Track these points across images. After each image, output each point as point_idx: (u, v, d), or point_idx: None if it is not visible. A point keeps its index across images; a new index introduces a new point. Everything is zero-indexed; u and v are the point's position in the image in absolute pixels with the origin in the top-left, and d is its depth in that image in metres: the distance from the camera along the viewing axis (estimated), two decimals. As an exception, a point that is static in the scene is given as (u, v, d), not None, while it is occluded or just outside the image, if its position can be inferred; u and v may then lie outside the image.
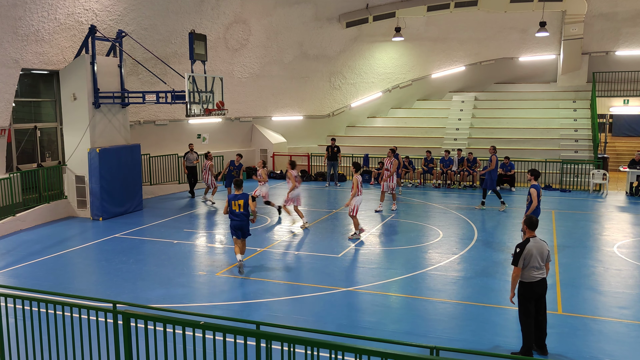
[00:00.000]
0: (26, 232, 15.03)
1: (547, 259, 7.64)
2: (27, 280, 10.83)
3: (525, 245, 7.52)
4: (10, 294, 6.75)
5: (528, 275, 7.53)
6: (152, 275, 11.35)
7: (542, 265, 7.57)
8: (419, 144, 25.96)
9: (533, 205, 11.86)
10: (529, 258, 7.47)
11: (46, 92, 18.43)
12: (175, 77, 19.20)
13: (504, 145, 24.84)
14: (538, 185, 12.02)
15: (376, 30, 26.62)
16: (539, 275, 7.55)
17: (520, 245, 7.58)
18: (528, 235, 7.71)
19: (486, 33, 28.14)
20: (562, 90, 28.26)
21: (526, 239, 7.64)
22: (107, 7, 17.37)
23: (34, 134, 17.82)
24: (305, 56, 25.99)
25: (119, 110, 17.54)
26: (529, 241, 7.56)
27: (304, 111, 27.56)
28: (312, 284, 10.72)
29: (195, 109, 15.74)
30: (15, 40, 15.32)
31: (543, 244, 7.64)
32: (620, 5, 25.58)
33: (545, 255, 7.61)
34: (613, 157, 27.85)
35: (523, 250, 7.48)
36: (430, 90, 30.26)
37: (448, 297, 10.05)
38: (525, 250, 7.47)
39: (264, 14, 23.03)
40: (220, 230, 15.42)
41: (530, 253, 7.47)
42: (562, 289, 10.27)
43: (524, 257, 7.47)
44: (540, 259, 7.53)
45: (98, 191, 16.46)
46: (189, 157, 20.34)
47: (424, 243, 13.68)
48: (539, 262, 7.53)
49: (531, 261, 7.47)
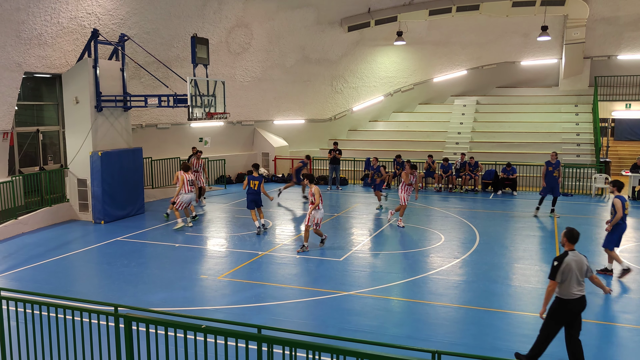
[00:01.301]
0: (28, 235, 15.04)
1: (586, 274, 7.23)
2: (28, 284, 10.83)
3: (563, 258, 7.13)
4: (12, 297, 6.76)
5: (566, 292, 7.13)
6: (154, 278, 11.35)
7: (582, 281, 7.15)
8: (420, 148, 25.94)
9: (617, 217, 11.06)
10: (568, 273, 7.08)
11: (48, 95, 18.48)
12: (177, 80, 19.25)
13: (506, 149, 24.86)
14: (622, 197, 11.17)
15: (378, 34, 26.65)
16: (578, 292, 7.12)
17: (558, 258, 7.18)
18: (567, 248, 7.27)
19: (488, 37, 28.16)
20: (564, 94, 28.25)
21: (564, 252, 7.22)
22: (110, 11, 17.42)
23: (36, 137, 17.86)
24: (307, 60, 26.03)
25: (121, 114, 17.57)
26: (568, 254, 7.16)
27: (305, 115, 27.59)
28: (313, 287, 10.71)
29: (197, 112, 15.78)
30: (18, 44, 15.37)
31: (582, 258, 7.22)
32: (622, 10, 25.59)
33: (585, 270, 7.19)
34: (615, 161, 27.84)
35: (561, 263, 7.08)
36: (432, 94, 30.28)
37: (450, 301, 10.03)
38: (564, 263, 7.08)
39: (266, 18, 23.08)
40: (221, 234, 15.42)
41: (569, 267, 7.07)
42: (564, 294, 10.24)
43: (562, 271, 7.07)
44: (579, 274, 7.12)
45: (100, 194, 16.48)
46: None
47: (425, 247, 13.66)
48: (579, 277, 7.11)
49: (570, 276, 7.08)
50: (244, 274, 11.50)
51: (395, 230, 15.53)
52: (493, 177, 22.29)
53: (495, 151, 24.72)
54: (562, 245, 7.46)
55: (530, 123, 26.68)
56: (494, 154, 24.32)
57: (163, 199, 20.68)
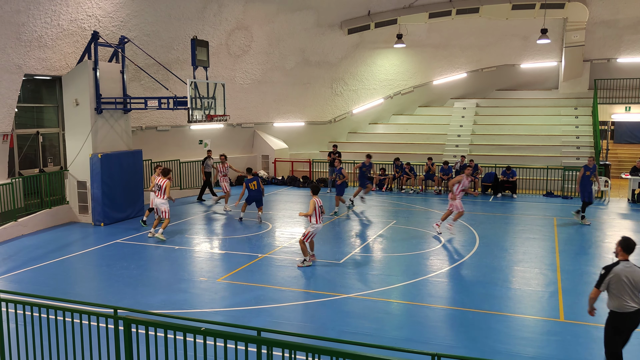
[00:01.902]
0: (28, 237, 15.03)
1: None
2: (28, 286, 10.82)
3: (612, 268, 6.80)
4: (11, 299, 6.75)
5: (619, 305, 6.77)
6: (153, 280, 11.33)
7: (637, 294, 6.73)
8: (420, 150, 25.95)
9: None
10: (617, 283, 6.72)
11: (48, 97, 18.48)
12: (177, 82, 19.25)
13: (506, 152, 24.87)
14: None
15: (378, 36, 26.69)
16: (632, 306, 6.73)
17: (607, 267, 6.86)
18: (621, 257, 6.90)
19: (488, 40, 28.20)
20: (564, 97, 28.27)
21: (616, 262, 6.89)
22: (110, 13, 17.44)
23: (36, 139, 17.85)
24: (307, 62, 26.05)
25: (121, 116, 17.57)
26: (619, 264, 6.81)
27: (305, 117, 27.60)
28: (313, 290, 10.70)
29: (197, 114, 15.78)
30: (18, 46, 15.37)
31: (636, 269, 6.77)
32: (621, 13, 25.62)
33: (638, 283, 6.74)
34: (615, 164, 27.84)
35: (608, 273, 6.78)
36: (431, 97, 30.30)
37: (449, 303, 10.03)
38: (612, 273, 6.75)
39: (266, 20, 23.10)
40: (221, 236, 15.41)
41: (618, 278, 6.70)
42: (564, 296, 10.24)
43: (608, 281, 6.76)
44: (633, 286, 6.70)
45: (100, 197, 16.47)
46: (207, 163, 20.60)
47: (425, 250, 13.65)
48: (632, 289, 6.71)
49: (620, 287, 6.71)
50: (243, 277, 11.49)
51: (395, 233, 15.51)
52: (493, 179, 22.30)
53: (495, 154, 24.74)
54: (615, 253, 7.08)
55: (530, 126, 26.71)
56: (494, 156, 24.34)
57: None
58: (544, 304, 9.98)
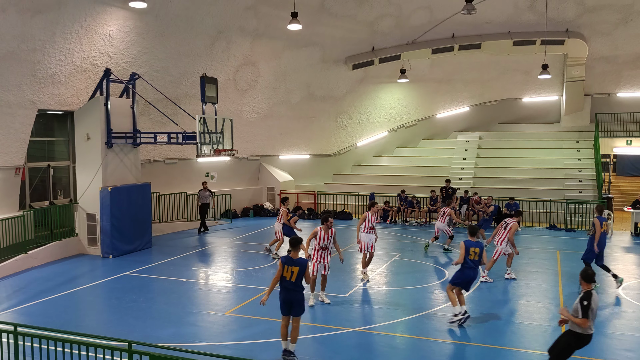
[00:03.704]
0: (38, 270, 15.24)
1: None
2: (39, 318, 10.99)
3: (590, 298, 7.51)
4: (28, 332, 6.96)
5: (586, 329, 7.58)
6: (162, 313, 11.50)
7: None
8: (424, 183, 26.21)
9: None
10: (593, 311, 7.49)
11: (60, 131, 18.90)
12: (185, 117, 19.66)
13: (509, 184, 25.10)
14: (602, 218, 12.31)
15: (382, 71, 27.22)
16: (592, 329, 7.61)
17: (586, 298, 7.52)
18: (586, 288, 7.68)
19: (490, 74, 28.70)
20: (566, 130, 28.63)
21: (588, 292, 7.60)
22: (122, 50, 17.97)
23: (47, 172, 18.21)
24: (312, 97, 26.55)
25: (130, 150, 17.94)
26: (592, 294, 7.56)
27: (310, 150, 27.98)
28: (319, 324, 10.84)
29: (205, 149, 16.14)
30: (33, 83, 15.86)
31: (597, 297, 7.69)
32: (620, 49, 26.13)
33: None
34: (617, 196, 28.01)
35: (590, 302, 7.47)
36: (435, 130, 30.70)
37: (454, 338, 10.15)
38: (592, 302, 7.48)
39: (273, 56, 23.66)
40: (227, 269, 15.59)
41: (596, 306, 7.54)
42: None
43: (591, 310, 7.46)
44: (596, 312, 7.59)
45: (109, 229, 16.73)
46: (201, 195, 20.91)
47: (430, 283, 13.79)
48: (595, 315, 7.58)
49: (592, 315, 7.52)
50: (250, 310, 11.64)
51: (400, 266, 15.65)
52: (496, 212, 22.45)
53: (498, 186, 24.97)
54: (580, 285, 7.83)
55: (532, 159, 27.00)
56: (497, 189, 24.55)
57: (170, 233, 20.91)
58: (547, 338, 10.09)
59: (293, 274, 8.91)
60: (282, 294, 9.05)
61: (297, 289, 9.00)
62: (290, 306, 9.04)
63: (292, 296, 8.99)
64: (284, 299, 9.03)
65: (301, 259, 9.11)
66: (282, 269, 8.96)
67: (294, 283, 8.95)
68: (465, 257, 10.64)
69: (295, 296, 9.00)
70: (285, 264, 8.98)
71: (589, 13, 24.40)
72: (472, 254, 10.68)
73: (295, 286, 8.97)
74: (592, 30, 25.34)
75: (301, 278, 8.98)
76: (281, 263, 9.02)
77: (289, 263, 8.97)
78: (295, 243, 9.19)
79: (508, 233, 13.82)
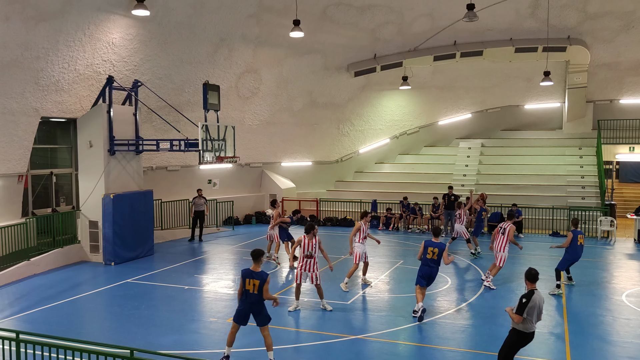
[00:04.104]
0: (40, 277, 15.25)
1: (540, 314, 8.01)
2: (41, 326, 10.98)
3: (531, 296, 7.81)
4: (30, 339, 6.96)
5: (526, 327, 7.85)
6: (164, 321, 11.49)
7: (538, 319, 7.91)
8: (426, 189, 26.19)
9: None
10: (531, 309, 7.77)
11: (63, 138, 18.96)
12: (187, 124, 19.71)
13: (511, 191, 25.08)
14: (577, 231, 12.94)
15: (384, 79, 27.28)
16: (534, 327, 7.91)
17: (526, 296, 7.84)
18: (530, 287, 8.03)
19: (492, 81, 28.74)
20: (568, 137, 28.62)
21: (530, 291, 7.94)
22: (124, 58, 18.05)
23: (49, 179, 18.26)
24: (314, 104, 26.60)
25: (132, 157, 17.98)
26: (534, 293, 7.88)
27: (312, 157, 28.01)
28: (321, 331, 10.82)
29: (208, 156, 16.16)
30: (36, 90, 15.93)
31: (542, 297, 8.02)
32: (622, 56, 26.14)
33: (542, 308, 7.98)
34: (620, 203, 27.90)
35: (529, 301, 7.76)
36: (437, 137, 30.73)
37: (457, 345, 10.12)
38: (532, 301, 7.76)
39: (275, 63, 23.73)
40: (229, 276, 15.57)
41: (534, 304, 7.78)
42: (570, 338, 10.32)
43: (529, 308, 7.75)
44: (539, 311, 7.87)
45: (111, 236, 16.74)
46: (196, 202, 20.72)
47: (432, 290, 13.74)
48: (538, 315, 7.86)
49: (532, 312, 7.78)
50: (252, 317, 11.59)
51: (402, 274, 15.63)
52: (499, 219, 22.40)
53: (500, 193, 24.94)
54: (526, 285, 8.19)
55: (535, 165, 26.99)
56: (500, 196, 24.52)
57: (172, 240, 20.92)
58: (550, 346, 10.07)
59: (255, 286, 8.93)
60: (242, 305, 9.10)
61: (259, 301, 9.03)
62: (248, 317, 9.14)
63: (253, 309, 9.07)
64: (242, 309, 9.09)
65: (262, 273, 9.04)
66: (244, 282, 8.99)
67: (257, 295, 8.95)
68: (424, 255, 11.55)
69: (256, 308, 9.07)
70: (246, 277, 9.01)
71: (591, 20, 24.45)
72: (430, 253, 11.51)
73: (258, 298, 8.98)
74: (594, 37, 25.37)
75: (261, 291, 8.93)
76: (242, 276, 9.05)
77: (249, 276, 9.00)
78: (257, 255, 9.15)
79: (507, 237, 13.85)
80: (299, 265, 12.09)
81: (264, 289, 8.91)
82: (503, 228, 14.05)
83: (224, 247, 19.75)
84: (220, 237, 21.79)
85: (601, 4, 23.54)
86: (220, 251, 19.00)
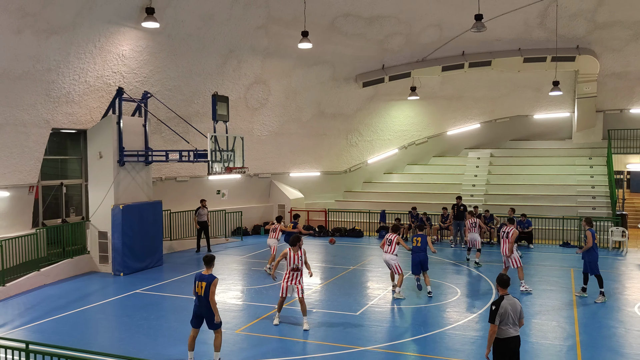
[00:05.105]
0: (50, 287, 15.30)
1: (520, 316, 7.96)
2: (51, 336, 11.02)
3: (500, 302, 7.85)
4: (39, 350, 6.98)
5: (504, 332, 7.84)
6: (173, 331, 11.49)
7: (516, 322, 7.89)
8: (435, 200, 26.12)
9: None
10: (503, 315, 7.79)
11: (73, 149, 19.10)
12: (196, 135, 19.81)
13: (521, 201, 24.94)
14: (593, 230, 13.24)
15: (392, 89, 27.31)
16: (513, 332, 7.85)
17: (496, 302, 7.90)
18: (502, 293, 8.07)
19: (500, 91, 28.69)
20: (578, 147, 28.48)
21: (500, 297, 7.97)
22: (134, 69, 18.20)
23: (59, 190, 18.37)
24: (322, 114, 26.66)
25: (142, 168, 18.07)
26: (504, 299, 7.91)
27: (321, 167, 28.04)
28: (330, 342, 10.77)
29: (217, 167, 16.23)
30: (47, 102, 16.08)
31: (516, 301, 8.01)
32: (632, 65, 26.03)
33: (519, 312, 7.94)
34: (632, 213, 27.70)
35: (499, 307, 7.81)
36: (446, 147, 30.67)
37: (466, 357, 10.03)
38: (502, 308, 7.80)
39: (284, 74, 23.84)
40: (238, 287, 15.56)
41: (505, 310, 7.80)
42: (582, 350, 10.21)
43: (500, 315, 7.77)
44: (514, 315, 7.85)
45: (120, 247, 16.80)
46: (200, 213, 20.73)
47: (442, 301, 13.68)
48: (513, 319, 7.85)
49: (505, 318, 7.80)
50: (261, 328, 11.60)
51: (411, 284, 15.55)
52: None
53: (510, 204, 24.76)
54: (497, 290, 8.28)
55: (544, 175, 26.85)
56: (509, 206, 24.35)
57: (181, 250, 20.96)
58: (562, 357, 9.96)
59: (202, 288, 9.38)
60: (195, 307, 9.62)
61: (208, 304, 9.38)
62: (201, 319, 9.61)
63: (202, 311, 9.50)
64: (195, 312, 9.63)
65: (210, 276, 9.46)
66: (195, 284, 9.50)
67: (205, 297, 9.36)
68: (411, 245, 14.32)
69: (205, 311, 9.46)
70: (196, 279, 9.51)
71: (600, 30, 24.39)
72: (414, 242, 14.19)
73: (206, 300, 9.36)
74: (603, 46, 25.31)
75: (208, 293, 9.31)
76: (194, 279, 9.57)
77: (199, 279, 9.48)
78: (209, 260, 9.66)
79: (511, 239, 14.45)
80: (285, 278, 11.92)
81: (210, 291, 9.28)
82: (506, 232, 14.65)
83: (232, 257, 19.75)
84: (229, 247, 21.80)
85: (610, 14, 23.48)
86: (229, 262, 19.00)
